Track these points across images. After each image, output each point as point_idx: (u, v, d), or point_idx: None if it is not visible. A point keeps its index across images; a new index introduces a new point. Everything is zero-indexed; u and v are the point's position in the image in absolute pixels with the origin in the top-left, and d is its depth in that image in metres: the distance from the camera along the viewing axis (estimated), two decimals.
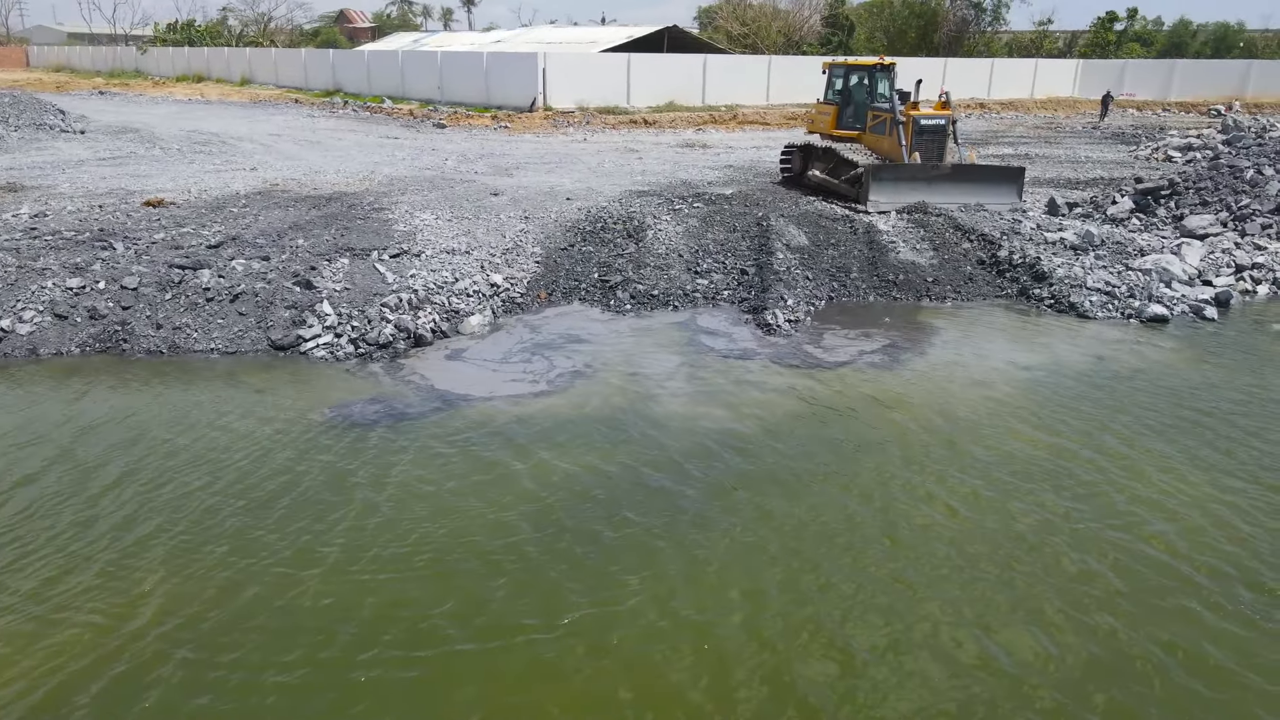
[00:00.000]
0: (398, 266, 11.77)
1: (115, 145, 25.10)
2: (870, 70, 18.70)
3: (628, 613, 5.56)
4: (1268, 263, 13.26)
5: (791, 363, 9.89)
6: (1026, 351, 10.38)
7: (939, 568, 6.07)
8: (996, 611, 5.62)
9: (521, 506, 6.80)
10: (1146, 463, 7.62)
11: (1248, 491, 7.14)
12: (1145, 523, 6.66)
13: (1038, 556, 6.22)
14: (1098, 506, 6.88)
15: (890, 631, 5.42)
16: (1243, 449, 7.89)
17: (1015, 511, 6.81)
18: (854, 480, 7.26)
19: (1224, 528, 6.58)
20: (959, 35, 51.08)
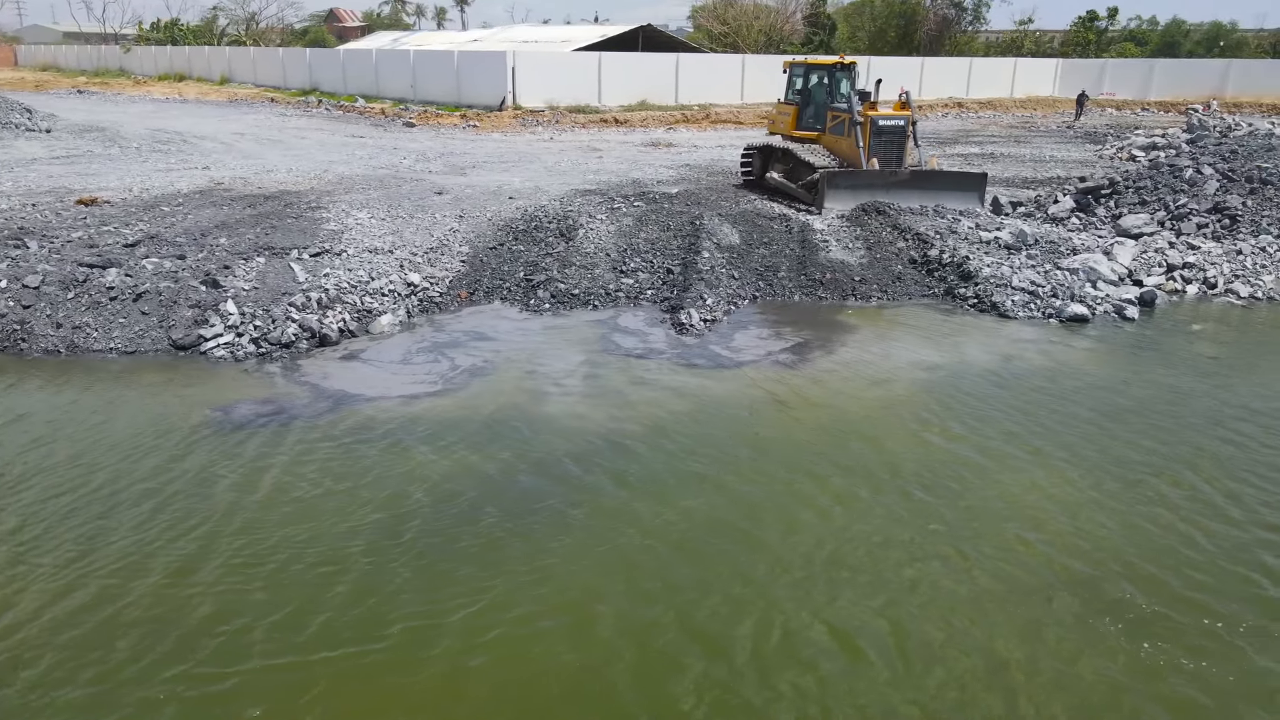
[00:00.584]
0: (314, 265, 11.70)
1: (75, 144, 24.97)
2: (830, 70, 18.35)
3: (458, 623, 5.45)
4: (1198, 262, 13.21)
5: (695, 363, 9.81)
6: (936, 351, 10.31)
7: (793, 570, 5.99)
8: (838, 614, 5.54)
9: (389, 509, 6.71)
10: (1027, 463, 7.56)
11: (1121, 495, 7.07)
12: (1008, 525, 6.59)
13: (890, 558, 6.15)
14: (965, 509, 6.81)
15: (723, 637, 5.35)
16: (1127, 450, 7.83)
17: (881, 513, 6.74)
18: (729, 481, 7.18)
19: (1087, 533, 6.50)
20: (939, 35, 51.04)
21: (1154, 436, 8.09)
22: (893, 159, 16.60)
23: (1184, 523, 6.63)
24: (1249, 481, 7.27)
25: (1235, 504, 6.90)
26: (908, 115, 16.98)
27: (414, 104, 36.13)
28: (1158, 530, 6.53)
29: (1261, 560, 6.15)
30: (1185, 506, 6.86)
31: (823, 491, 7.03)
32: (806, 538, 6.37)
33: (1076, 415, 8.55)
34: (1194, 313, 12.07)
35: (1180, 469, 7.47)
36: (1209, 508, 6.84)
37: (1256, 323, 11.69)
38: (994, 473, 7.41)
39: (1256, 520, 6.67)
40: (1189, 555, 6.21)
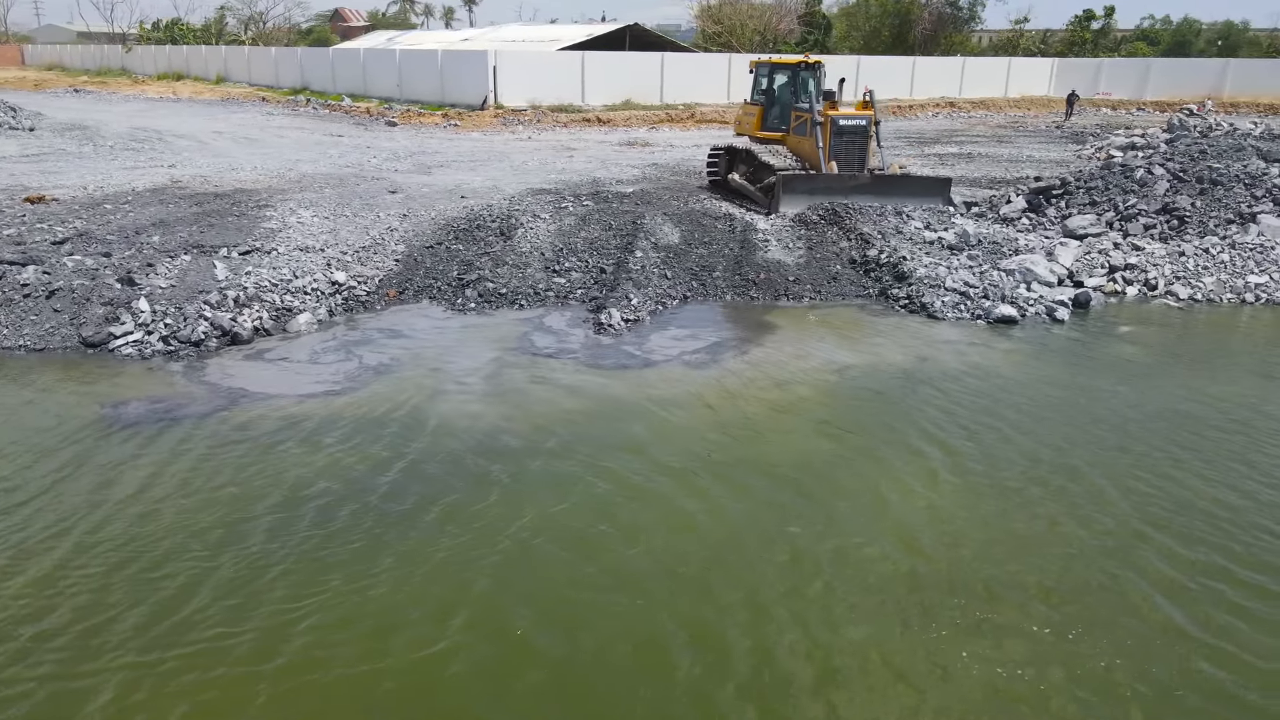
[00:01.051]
0: (239, 264, 11.69)
1: (52, 142, 25.13)
2: (794, 69, 18.00)
3: (268, 630, 5.40)
4: (1141, 264, 13.04)
5: (603, 363, 9.74)
6: (852, 352, 10.21)
7: (626, 573, 5.92)
8: (666, 619, 5.47)
9: (240, 510, 6.65)
10: (907, 467, 7.45)
11: (991, 499, 6.96)
12: (868, 529, 6.49)
13: (734, 560, 6.07)
14: (831, 514, 6.71)
15: (528, 646, 5.28)
16: (1014, 453, 7.71)
17: (740, 515, 6.65)
18: (595, 484, 7.10)
19: (949, 541, 6.39)
20: (934, 35, 50.73)
21: (1045, 440, 7.97)
22: (854, 161, 16.25)
23: (1048, 529, 6.52)
24: (1130, 487, 7.14)
25: (1106, 509, 6.78)
26: (870, 115, 16.56)
27: (400, 103, 36.18)
28: (1017, 536, 6.42)
29: (1108, 568, 6.03)
30: (1054, 512, 6.74)
31: (685, 493, 6.94)
32: (653, 540, 6.29)
33: (972, 418, 8.43)
34: (1128, 314, 11.91)
35: (1061, 473, 7.35)
36: (1079, 513, 6.72)
37: (1188, 325, 11.52)
38: (871, 476, 7.31)
39: (1124, 526, 6.55)
40: (1042, 561, 6.10)
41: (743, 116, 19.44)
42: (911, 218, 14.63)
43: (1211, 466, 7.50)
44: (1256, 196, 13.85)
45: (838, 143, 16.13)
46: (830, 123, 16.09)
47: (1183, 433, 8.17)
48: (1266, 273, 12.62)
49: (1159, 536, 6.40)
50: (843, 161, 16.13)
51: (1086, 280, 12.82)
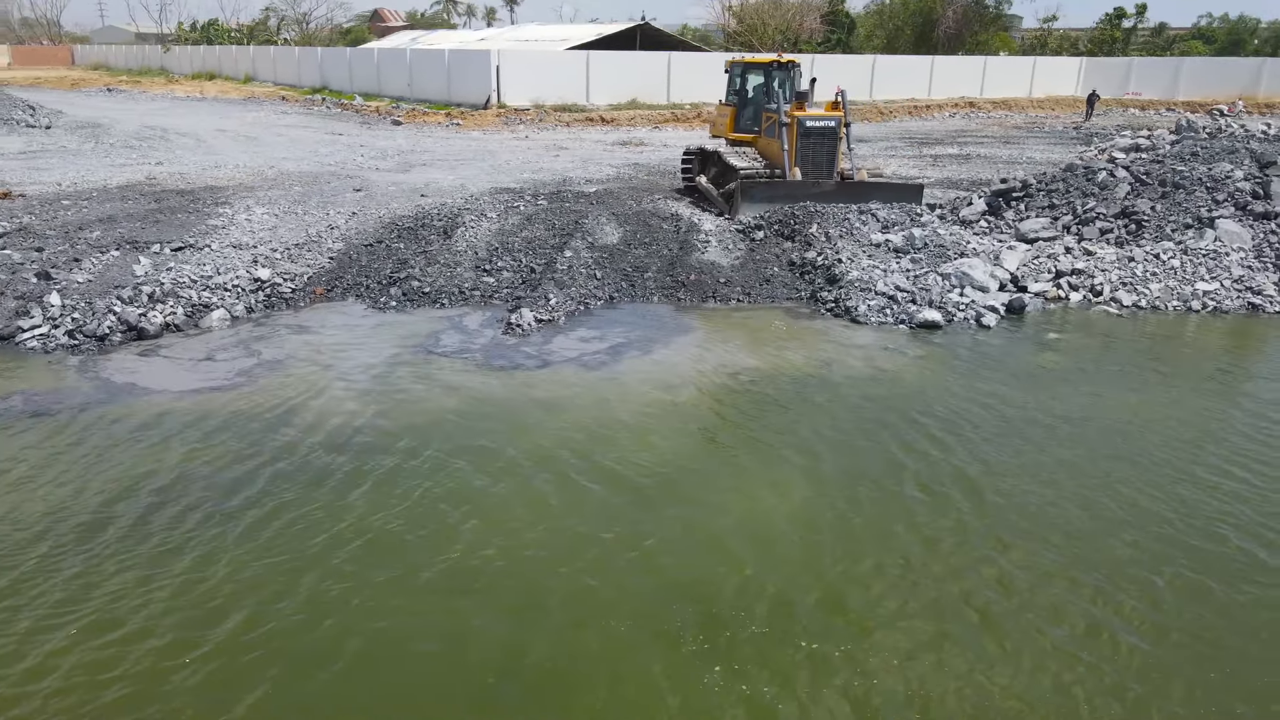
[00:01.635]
0: (167, 260, 11.83)
1: (57, 140, 25.75)
2: (767, 69, 17.45)
3: (29, 633, 5.44)
4: (1088, 269, 12.61)
5: (496, 363, 9.66)
6: (756, 356, 10.00)
7: (422, 578, 5.84)
8: (437, 626, 5.38)
9: (75, 504, 6.70)
10: (765, 477, 7.26)
11: (840, 510, 6.75)
12: (686, 541, 6.33)
13: (537, 565, 5.96)
14: (658, 521, 6.56)
15: (330, 647, 5.23)
16: (882, 463, 7.48)
17: (564, 520, 6.53)
18: (432, 486, 7.01)
19: (780, 560, 6.21)
20: (959, 34, 49.77)
21: (919, 448, 7.72)
22: (822, 164, 15.55)
23: (887, 542, 6.30)
24: (983, 493, 6.89)
25: (949, 516, 6.54)
26: (839, 116, 15.79)
27: (410, 102, 36.49)
28: (856, 546, 6.21)
29: (922, 588, 5.81)
30: (899, 524, 6.51)
31: (518, 496, 6.84)
32: (463, 542, 6.20)
33: (854, 426, 8.21)
34: (1063, 321, 11.52)
35: (920, 483, 7.11)
36: (926, 526, 6.49)
37: (1121, 333, 11.10)
38: (721, 484, 7.14)
39: (965, 533, 6.31)
40: (867, 573, 5.90)
41: (717, 118, 19.03)
42: (876, 219, 14.20)
43: (1078, 476, 7.20)
44: (1218, 200, 13.32)
45: (805, 145, 15.47)
46: (797, 124, 15.41)
47: (1061, 441, 7.87)
48: (1218, 279, 12.13)
49: (991, 543, 6.16)
50: (810, 165, 15.49)
51: (1031, 285, 12.45)
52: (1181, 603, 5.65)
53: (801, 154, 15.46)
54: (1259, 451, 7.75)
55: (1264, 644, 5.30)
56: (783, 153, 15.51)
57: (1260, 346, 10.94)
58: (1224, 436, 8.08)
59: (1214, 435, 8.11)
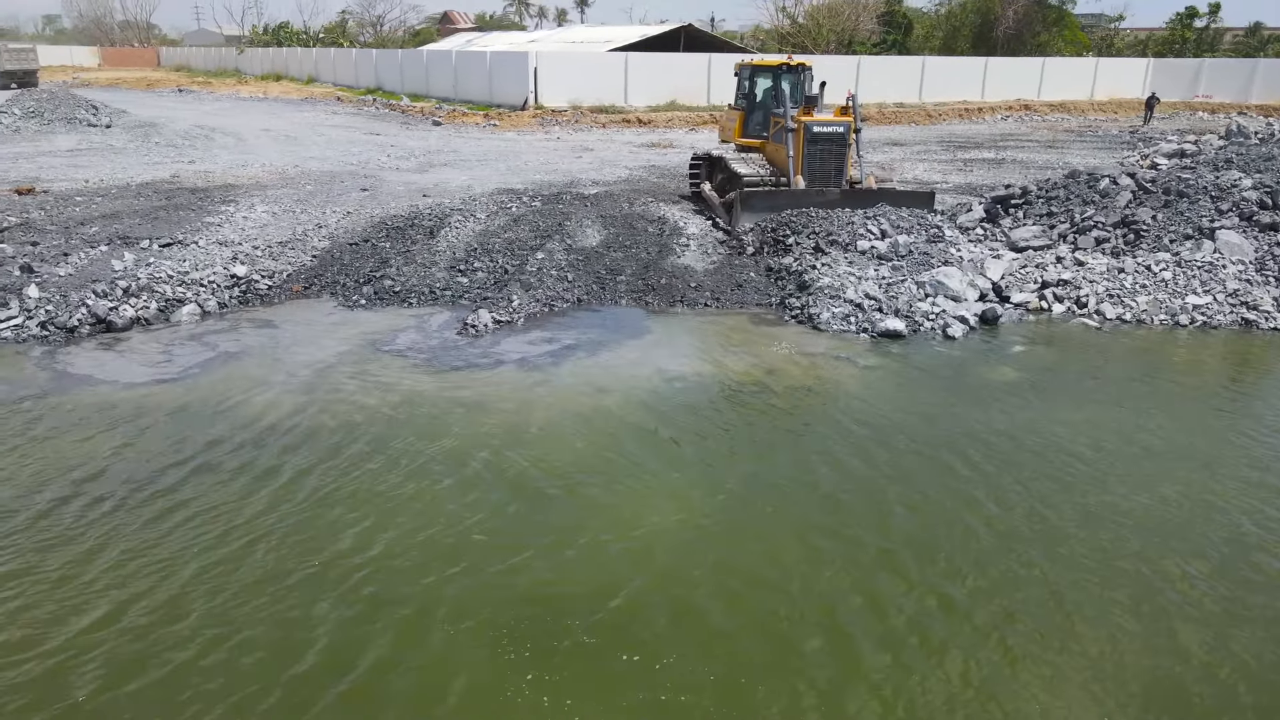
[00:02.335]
0: (152, 255, 12.25)
1: (109, 138, 26.92)
2: (775, 71, 16.81)
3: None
4: (1075, 279, 12.14)
5: (438, 364, 9.74)
6: (699, 362, 9.89)
7: (287, 578, 5.93)
8: (305, 621, 5.46)
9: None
10: (661, 488, 7.17)
11: (723, 525, 6.64)
12: (578, 555, 6.30)
13: (398, 570, 6.00)
14: (555, 534, 6.54)
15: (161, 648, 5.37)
16: (789, 476, 7.33)
17: (436, 523, 6.56)
18: (339, 487, 7.09)
19: (649, 571, 6.15)
20: (1019, 34, 48.31)
21: (835, 461, 7.54)
22: (829, 171, 14.94)
23: (770, 555, 6.17)
24: (882, 509, 6.69)
25: (846, 536, 6.37)
26: (848, 121, 15.16)
27: (454, 103, 37.09)
28: (733, 557, 6.11)
29: (789, 606, 5.67)
30: (788, 537, 6.38)
31: (423, 499, 6.88)
32: (358, 544, 6.27)
33: (774, 436, 8.07)
34: (1036, 334, 11.11)
35: (822, 497, 6.95)
36: (815, 540, 6.34)
37: (1093, 347, 10.65)
38: (622, 490, 7.08)
39: (849, 549, 6.14)
40: (733, 587, 5.79)
41: (725, 122, 18.53)
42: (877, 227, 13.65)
43: (993, 491, 6.94)
44: (1221, 210, 12.67)
45: (811, 151, 14.85)
46: (804, 129, 14.79)
47: (986, 457, 7.59)
48: (1210, 293, 11.55)
49: (871, 558, 5.98)
50: (817, 172, 14.88)
51: (1014, 295, 12.05)
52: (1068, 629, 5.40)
53: (808, 161, 14.89)
54: (1190, 472, 7.35)
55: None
56: (789, 159, 15.00)
57: (1237, 362, 10.37)
58: (1158, 453, 7.70)
59: (1149, 452, 7.73)
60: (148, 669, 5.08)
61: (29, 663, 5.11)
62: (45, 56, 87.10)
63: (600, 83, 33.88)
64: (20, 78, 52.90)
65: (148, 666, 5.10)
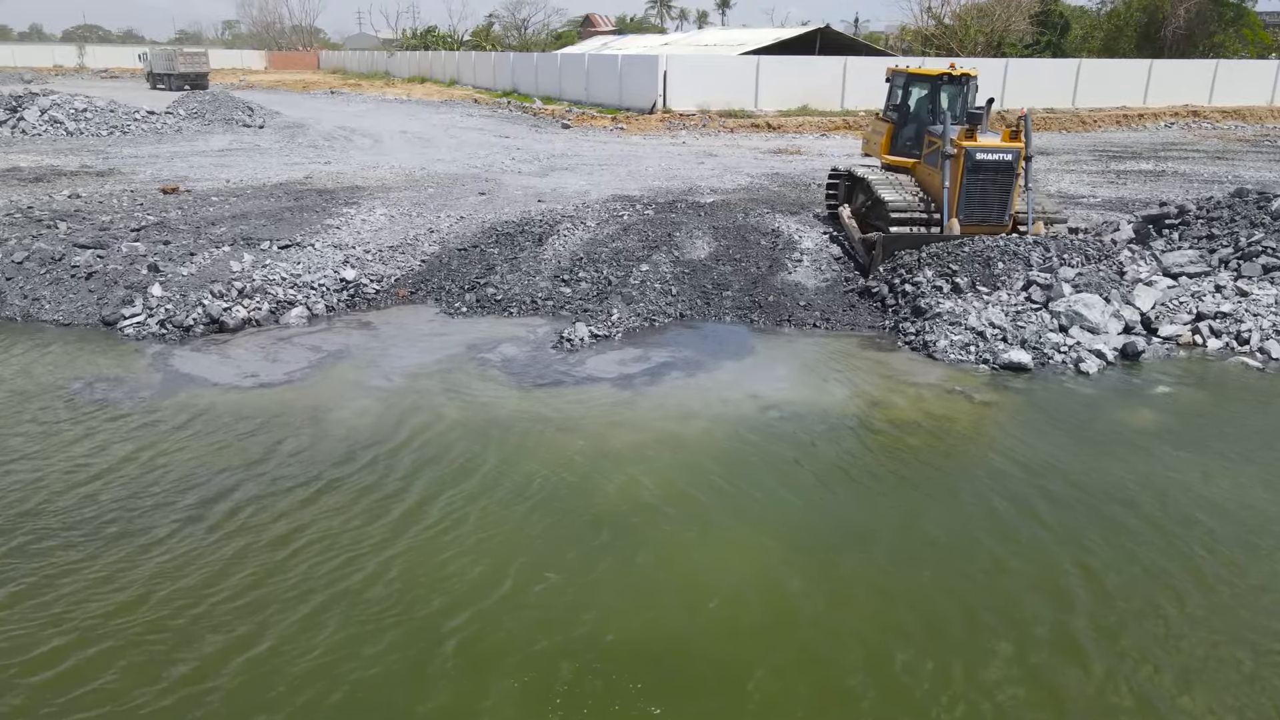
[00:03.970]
0: (272, 256, 12.61)
1: (259, 139, 28.33)
2: (934, 82, 14.41)
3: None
4: (1235, 312, 10.82)
5: (529, 378, 9.53)
6: (800, 388, 9.30)
7: (345, 594, 5.79)
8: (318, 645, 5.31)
9: (54, 487, 7.18)
10: (726, 532, 6.69)
11: (794, 579, 6.10)
12: (628, 598, 5.92)
13: (454, 611, 5.76)
14: (608, 574, 6.19)
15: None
16: (866, 528, 6.71)
17: (495, 552, 6.29)
18: (400, 504, 6.99)
19: (695, 623, 5.70)
20: (1189, 34, 44.55)
21: (922, 513, 6.86)
22: (991, 206, 12.68)
23: (826, 618, 5.62)
24: (966, 577, 6.00)
25: (910, 599, 5.73)
26: (1019, 148, 12.54)
27: (586, 106, 37.35)
28: (788, 618, 5.58)
29: (861, 666, 5.09)
30: (848, 601, 5.80)
31: (481, 523, 6.66)
32: (402, 571, 6.09)
33: (863, 480, 7.43)
34: (1187, 372, 9.92)
35: (897, 558, 6.31)
36: (886, 607, 5.74)
37: (1251, 391, 9.41)
38: (687, 532, 6.64)
39: (917, 615, 5.51)
40: (783, 651, 5.27)
41: (871, 134, 16.29)
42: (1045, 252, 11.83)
43: (1093, 558, 6.12)
44: None
45: (973, 182, 12.54)
46: (964, 156, 12.40)
47: (1096, 519, 6.73)
48: None
49: (927, 628, 5.32)
50: (977, 206, 12.65)
51: (1163, 328, 10.85)
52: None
53: (967, 193, 12.60)
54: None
55: None
56: (943, 191, 12.73)
57: None
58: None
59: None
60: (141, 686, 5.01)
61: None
62: (217, 60, 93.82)
63: (730, 86, 33.34)
64: (193, 80, 56.95)
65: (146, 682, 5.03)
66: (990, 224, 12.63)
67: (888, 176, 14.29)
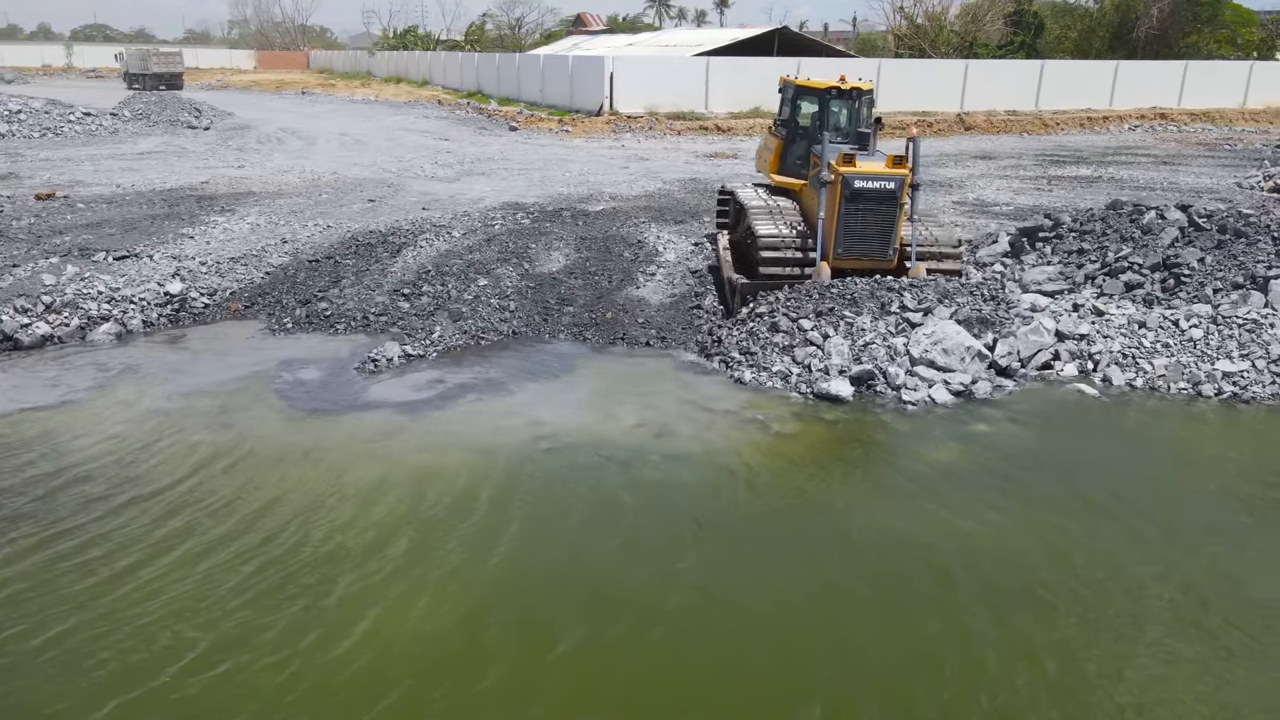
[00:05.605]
0: (98, 268, 12.08)
1: (191, 142, 27.79)
2: (822, 96, 12.50)
3: None
4: (1091, 334, 10.19)
5: (312, 405, 8.96)
6: (587, 414, 8.72)
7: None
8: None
9: None
10: (426, 580, 6.13)
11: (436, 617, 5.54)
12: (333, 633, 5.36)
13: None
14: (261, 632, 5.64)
15: None
16: (565, 572, 6.14)
17: (153, 609, 5.74)
18: (80, 544, 6.46)
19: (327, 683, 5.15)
20: (1163, 34, 43.63)
21: (633, 553, 6.29)
22: (872, 240, 11.02)
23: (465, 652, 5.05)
24: (677, 632, 5.42)
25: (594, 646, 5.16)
26: (903, 175, 10.87)
27: (541, 107, 36.77)
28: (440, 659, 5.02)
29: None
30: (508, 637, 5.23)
31: (153, 562, 6.13)
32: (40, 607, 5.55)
33: (591, 518, 6.86)
34: (1021, 403, 9.25)
35: (593, 596, 5.73)
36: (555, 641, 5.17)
37: (1079, 422, 8.79)
38: (378, 580, 6.09)
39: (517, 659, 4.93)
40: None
41: (762, 149, 14.47)
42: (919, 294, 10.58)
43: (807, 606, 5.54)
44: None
45: (851, 213, 10.90)
46: (841, 183, 10.82)
47: (825, 568, 6.15)
48: (1249, 358, 9.40)
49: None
50: (856, 239, 11.04)
51: (998, 351, 10.18)
52: None
53: (846, 223, 10.95)
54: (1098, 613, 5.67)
55: None
56: (819, 222, 11.04)
57: (1258, 448, 8.28)
58: (1049, 584, 6.02)
59: (1036, 580, 6.06)
60: None
61: None
62: (207, 59, 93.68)
63: (679, 88, 32.70)
64: (167, 80, 56.61)
65: None
66: (872, 259, 11.08)
67: (770, 203, 12.45)
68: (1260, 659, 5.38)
